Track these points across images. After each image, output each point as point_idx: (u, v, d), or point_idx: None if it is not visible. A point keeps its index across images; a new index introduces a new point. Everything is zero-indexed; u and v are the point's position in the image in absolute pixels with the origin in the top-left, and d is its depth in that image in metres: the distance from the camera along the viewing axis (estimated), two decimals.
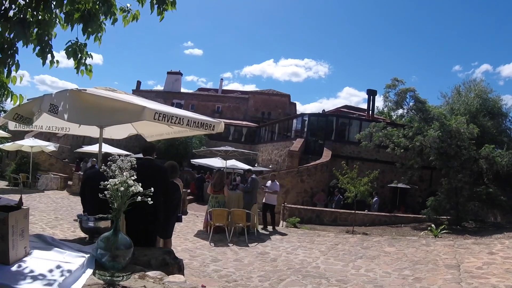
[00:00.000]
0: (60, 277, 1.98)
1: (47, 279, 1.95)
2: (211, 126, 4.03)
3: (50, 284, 1.89)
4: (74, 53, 3.07)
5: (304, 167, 18.06)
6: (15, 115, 3.32)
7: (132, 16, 3.20)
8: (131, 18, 3.20)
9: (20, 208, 2.31)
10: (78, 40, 3.09)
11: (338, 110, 33.46)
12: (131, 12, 3.20)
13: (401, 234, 11.38)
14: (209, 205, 9.53)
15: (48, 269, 2.08)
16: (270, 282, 5.37)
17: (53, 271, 2.07)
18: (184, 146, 24.83)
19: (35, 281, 1.90)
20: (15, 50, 2.83)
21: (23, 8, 2.82)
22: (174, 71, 41.94)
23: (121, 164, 2.39)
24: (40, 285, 1.87)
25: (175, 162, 5.44)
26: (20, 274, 1.96)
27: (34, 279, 1.92)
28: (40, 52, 2.92)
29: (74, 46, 3.08)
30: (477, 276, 5.37)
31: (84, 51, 3.12)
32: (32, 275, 1.97)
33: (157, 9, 3.05)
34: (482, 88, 19.87)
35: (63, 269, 2.10)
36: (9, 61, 2.80)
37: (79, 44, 3.10)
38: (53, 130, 5.12)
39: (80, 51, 3.10)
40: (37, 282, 1.89)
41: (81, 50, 3.10)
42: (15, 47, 2.83)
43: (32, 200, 12.13)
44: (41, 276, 1.97)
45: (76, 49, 3.08)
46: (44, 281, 1.92)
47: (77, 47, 3.09)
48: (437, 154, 14.01)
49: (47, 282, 1.91)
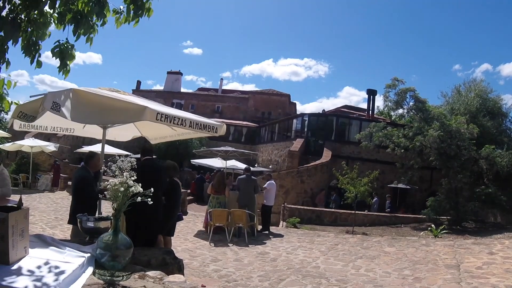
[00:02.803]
0: (60, 277, 1.99)
1: (47, 279, 1.95)
2: (214, 128, 4.04)
3: (50, 284, 1.90)
4: (60, 53, 3.09)
5: (304, 168, 18.06)
6: (19, 113, 3.33)
7: (125, 18, 3.21)
8: (123, 20, 3.21)
9: (20, 208, 2.32)
10: (68, 41, 3.11)
11: (338, 110, 33.46)
12: (124, 14, 3.21)
13: (401, 234, 11.38)
14: (210, 206, 9.52)
15: (48, 269, 2.09)
16: (270, 282, 5.37)
17: (53, 271, 2.07)
18: (184, 146, 24.80)
19: (35, 281, 1.91)
20: (6, 48, 2.85)
21: (17, 8, 2.84)
22: (174, 71, 41.94)
23: (121, 164, 2.40)
24: (40, 285, 1.87)
25: (174, 162, 5.46)
26: (20, 274, 1.96)
27: (34, 279, 1.92)
28: (26, 51, 2.94)
29: (61, 47, 3.10)
30: (477, 276, 5.37)
31: (70, 52, 3.13)
32: (32, 275, 1.97)
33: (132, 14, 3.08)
34: (482, 88, 19.88)
35: (63, 269, 2.10)
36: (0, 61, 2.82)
37: (67, 45, 3.12)
38: (58, 130, 5.09)
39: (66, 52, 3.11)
40: (37, 282, 1.89)
41: (67, 51, 3.12)
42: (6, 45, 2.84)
43: (32, 200, 12.13)
44: (41, 276, 1.97)
45: (62, 49, 3.10)
46: (44, 281, 1.92)
47: (64, 47, 3.11)
48: (437, 154, 14.00)
49: (47, 282, 1.92)
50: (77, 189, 4.56)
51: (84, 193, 4.37)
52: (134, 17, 3.07)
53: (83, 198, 4.40)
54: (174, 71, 41.90)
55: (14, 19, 2.81)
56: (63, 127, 4.99)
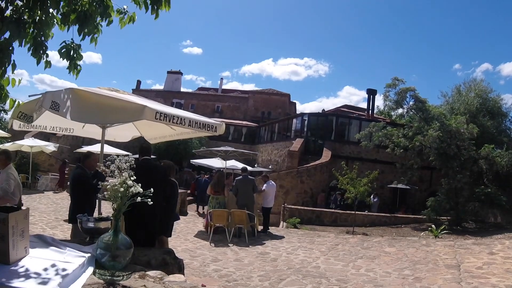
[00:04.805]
0: (60, 277, 1.99)
1: (47, 279, 1.95)
2: (213, 127, 4.03)
3: (50, 284, 1.90)
4: (67, 53, 3.10)
5: (304, 168, 18.06)
6: (19, 113, 3.33)
7: (129, 17, 3.21)
8: (127, 20, 3.21)
9: (20, 208, 2.32)
10: (73, 41, 3.11)
11: (338, 110, 33.46)
12: (128, 13, 3.21)
13: (401, 234, 11.39)
14: (210, 206, 9.52)
15: (48, 269, 2.09)
16: (270, 282, 5.37)
17: (53, 271, 2.07)
18: (184, 146, 24.80)
19: (35, 281, 1.90)
20: (11, 50, 2.84)
21: (20, 9, 2.83)
22: (174, 71, 41.92)
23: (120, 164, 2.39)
24: (40, 285, 1.87)
25: (171, 162, 5.45)
26: (21, 274, 1.96)
27: (34, 279, 1.92)
28: (34, 52, 2.93)
29: (68, 47, 3.11)
30: (477, 276, 5.37)
31: (77, 52, 3.14)
32: (32, 275, 1.97)
33: (151, 9, 3.05)
34: (482, 87, 19.88)
35: (63, 269, 2.10)
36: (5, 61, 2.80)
37: (73, 45, 3.13)
38: (57, 130, 5.07)
39: (74, 52, 3.12)
40: (37, 282, 1.89)
41: (75, 51, 3.12)
42: (11, 46, 2.84)
43: (32, 201, 12.13)
44: (41, 276, 1.97)
45: (70, 50, 3.10)
46: (44, 281, 1.92)
47: (71, 48, 3.11)
48: (437, 154, 14.00)
49: (47, 282, 1.91)
50: (74, 188, 4.57)
51: (81, 192, 4.38)
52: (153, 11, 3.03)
53: (81, 197, 4.41)
54: (174, 71, 41.88)
55: (18, 19, 2.80)
56: (62, 127, 4.97)
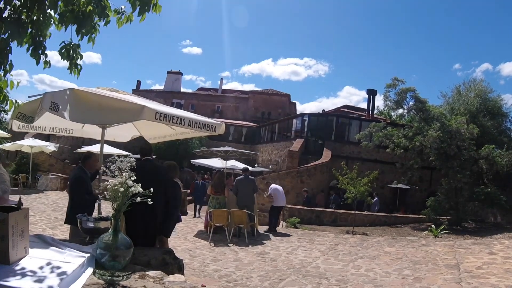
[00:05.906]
0: (60, 277, 1.99)
1: (47, 279, 1.95)
2: (213, 127, 4.03)
3: (50, 284, 1.90)
4: (67, 54, 3.11)
5: (304, 168, 18.06)
6: (18, 114, 3.33)
7: (126, 18, 3.22)
8: (125, 20, 3.22)
9: (20, 208, 2.32)
10: (72, 41, 3.13)
11: (338, 110, 33.47)
12: (125, 14, 3.22)
13: (401, 234, 11.39)
14: (210, 206, 9.52)
15: (48, 269, 2.09)
16: (270, 282, 5.37)
17: (53, 271, 2.07)
18: (184, 146, 24.81)
19: (35, 281, 1.91)
20: (9, 50, 2.85)
21: (18, 9, 2.84)
22: (174, 71, 41.92)
23: (121, 165, 2.40)
24: (40, 285, 1.87)
25: (174, 162, 5.45)
26: (20, 274, 1.96)
27: (34, 279, 1.92)
28: (33, 52, 2.94)
29: (67, 47, 3.12)
30: (477, 276, 5.37)
31: (77, 52, 3.15)
32: (32, 275, 1.97)
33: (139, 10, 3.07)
34: (482, 87, 19.85)
35: (63, 269, 2.10)
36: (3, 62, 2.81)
37: (73, 45, 3.14)
38: (56, 131, 5.04)
39: (73, 52, 3.13)
40: (37, 282, 1.89)
41: (74, 50, 3.13)
42: (9, 47, 2.85)
43: (32, 200, 12.13)
44: (41, 276, 1.97)
45: (70, 49, 3.11)
46: (44, 281, 1.92)
47: (71, 47, 3.12)
48: (437, 155, 14.00)
49: (47, 282, 1.92)
50: (73, 189, 4.57)
51: (80, 193, 4.39)
52: (140, 12, 3.05)
53: (79, 198, 4.41)
54: (174, 71, 41.89)
55: (17, 20, 2.81)
56: (62, 128, 4.95)
